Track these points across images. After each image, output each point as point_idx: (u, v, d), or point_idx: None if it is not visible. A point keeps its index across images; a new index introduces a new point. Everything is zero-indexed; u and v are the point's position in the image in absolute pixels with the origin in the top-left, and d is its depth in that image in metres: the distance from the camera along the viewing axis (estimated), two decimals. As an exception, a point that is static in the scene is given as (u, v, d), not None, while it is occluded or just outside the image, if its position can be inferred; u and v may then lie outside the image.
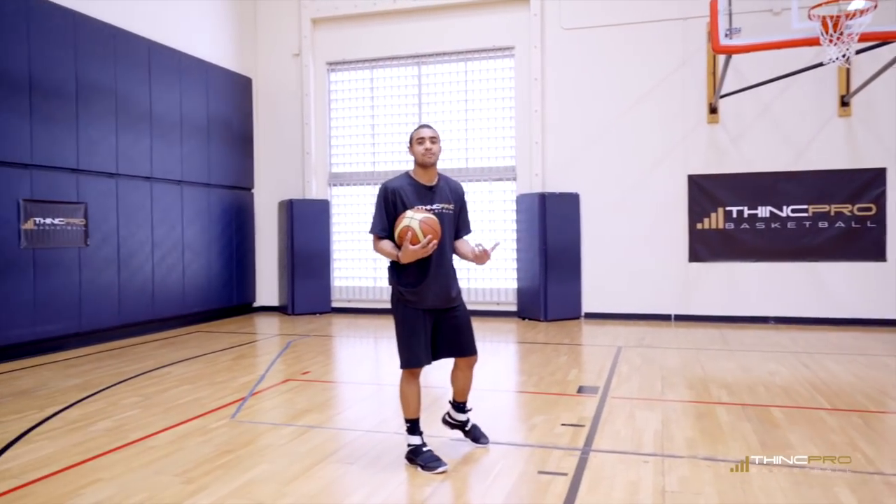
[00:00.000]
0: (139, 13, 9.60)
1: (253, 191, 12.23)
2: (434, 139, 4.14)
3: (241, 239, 11.76)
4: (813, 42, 6.29)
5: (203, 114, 10.76)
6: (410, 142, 4.16)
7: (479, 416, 5.14)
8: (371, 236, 4.17)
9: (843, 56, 6.27)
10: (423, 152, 4.09)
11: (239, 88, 11.74)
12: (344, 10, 11.86)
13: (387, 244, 4.08)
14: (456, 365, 4.39)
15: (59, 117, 8.17)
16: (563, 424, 4.89)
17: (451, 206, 4.24)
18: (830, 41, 6.11)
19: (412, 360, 4.11)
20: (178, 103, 10.20)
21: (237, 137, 11.66)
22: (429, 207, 4.10)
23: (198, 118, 10.63)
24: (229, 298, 11.38)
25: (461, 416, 4.52)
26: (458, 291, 4.31)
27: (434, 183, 4.21)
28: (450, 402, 4.55)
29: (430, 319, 4.14)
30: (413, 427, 4.17)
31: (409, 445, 4.15)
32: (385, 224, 4.09)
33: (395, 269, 4.14)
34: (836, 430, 4.68)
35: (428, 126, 4.21)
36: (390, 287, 4.20)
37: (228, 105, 11.43)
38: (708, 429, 4.77)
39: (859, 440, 4.45)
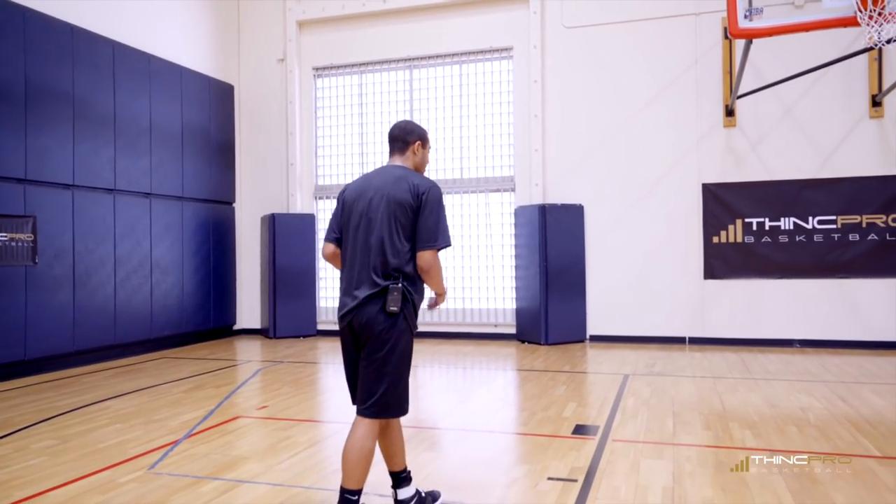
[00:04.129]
0: (101, 11, 8.88)
1: (234, 205, 11.43)
2: None
3: (220, 257, 10.94)
4: (848, 22, 5.38)
5: (177, 122, 10.00)
6: (424, 143, 3.43)
7: (447, 463, 4.25)
8: (435, 253, 3.17)
9: (880, 36, 5.36)
10: (428, 161, 3.53)
11: (218, 95, 10.99)
12: (331, 12, 11.11)
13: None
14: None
15: (3, 122, 7.40)
16: (549, 478, 3.96)
17: None
18: (871, 18, 5.20)
19: (408, 404, 3.23)
20: (147, 110, 9.43)
21: (216, 148, 10.89)
22: None
23: (170, 126, 9.86)
24: (205, 321, 10.53)
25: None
26: None
27: None
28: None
29: None
30: (407, 475, 3.36)
31: (412, 497, 3.36)
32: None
33: (414, 287, 3.17)
34: (893, 489, 3.71)
35: None
36: (391, 313, 3.06)
37: (206, 113, 10.66)
38: (731, 485, 3.82)
39: (926, 505, 3.49)
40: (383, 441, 3.30)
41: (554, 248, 9.62)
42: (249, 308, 11.51)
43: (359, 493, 3.07)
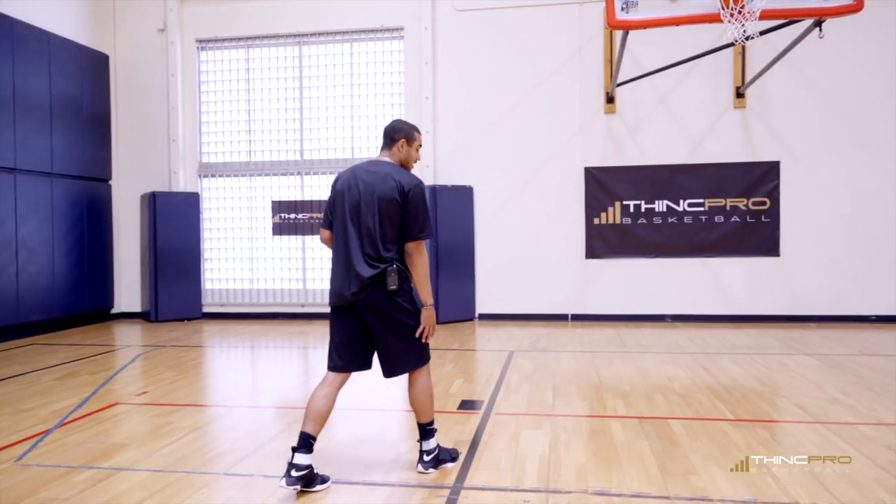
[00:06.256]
0: (-45, -31, 8.14)
1: (110, 182, 10.82)
2: None
3: (96, 236, 10.35)
4: (713, 18, 5.80)
5: (44, 92, 9.32)
6: (411, 141, 3.72)
7: (336, 441, 4.31)
8: (419, 243, 3.61)
9: (744, 35, 5.80)
10: (417, 157, 3.80)
11: (91, 65, 10.32)
12: (215, -18, 10.67)
13: None
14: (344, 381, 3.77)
15: None
16: (434, 452, 4.09)
17: None
18: (732, 16, 5.62)
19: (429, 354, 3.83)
20: (10, 78, 8.74)
21: (89, 121, 10.24)
22: None
23: (37, 97, 9.18)
24: (79, 305, 9.96)
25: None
26: None
27: None
28: (312, 438, 3.51)
29: None
30: (433, 429, 3.79)
31: (433, 450, 3.77)
32: None
33: (407, 273, 3.63)
34: (741, 447, 4.11)
35: None
36: (392, 291, 3.54)
37: (78, 84, 10.00)
38: (601, 451, 4.10)
39: (769, 460, 3.88)
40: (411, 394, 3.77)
41: (444, 228, 9.78)
42: (128, 291, 10.98)
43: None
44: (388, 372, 3.68)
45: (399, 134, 3.69)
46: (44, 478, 3.74)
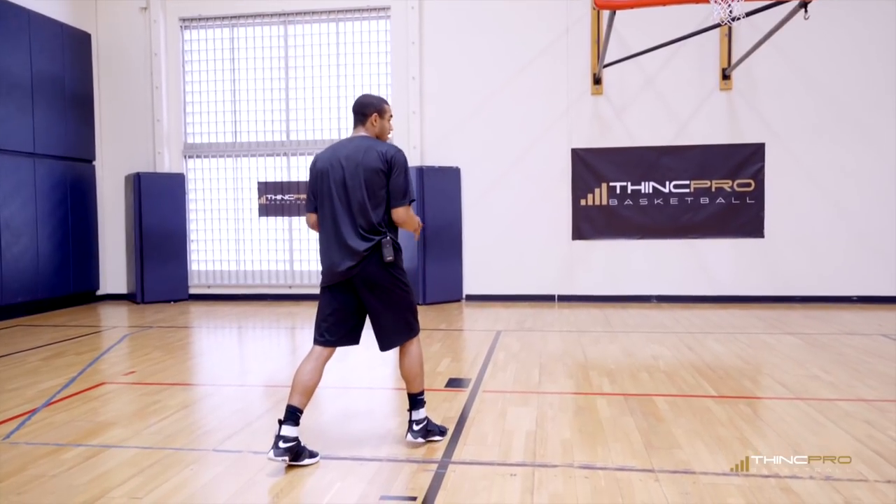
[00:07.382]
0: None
1: (94, 163, 10.71)
2: None
3: (80, 218, 10.25)
4: (699, -2, 5.82)
5: (25, 71, 9.17)
6: (382, 113, 3.74)
7: (325, 418, 4.34)
8: (407, 208, 3.66)
9: (730, 16, 5.82)
10: (391, 129, 3.83)
11: (73, 44, 10.16)
12: (199, -40, 10.52)
13: None
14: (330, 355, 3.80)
15: None
16: (422, 429, 4.12)
17: None
18: (717, -4, 5.65)
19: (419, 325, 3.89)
20: (-10, 56, 8.61)
21: (71, 101, 10.11)
22: None
23: (17, 76, 9.04)
24: (64, 286, 9.89)
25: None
26: None
27: None
28: (298, 411, 3.56)
29: None
30: (423, 399, 3.86)
31: (422, 420, 3.83)
32: None
33: (397, 236, 3.67)
34: (724, 423, 4.18)
35: None
36: (388, 263, 3.59)
37: (59, 63, 9.85)
38: (587, 427, 4.15)
39: (750, 435, 3.95)
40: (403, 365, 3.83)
41: (431, 209, 9.77)
42: (114, 272, 10.92)
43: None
44: (385, 345, 3.75)
45: (370, 108, 3.71)
46: (32, 455, 3.74)
